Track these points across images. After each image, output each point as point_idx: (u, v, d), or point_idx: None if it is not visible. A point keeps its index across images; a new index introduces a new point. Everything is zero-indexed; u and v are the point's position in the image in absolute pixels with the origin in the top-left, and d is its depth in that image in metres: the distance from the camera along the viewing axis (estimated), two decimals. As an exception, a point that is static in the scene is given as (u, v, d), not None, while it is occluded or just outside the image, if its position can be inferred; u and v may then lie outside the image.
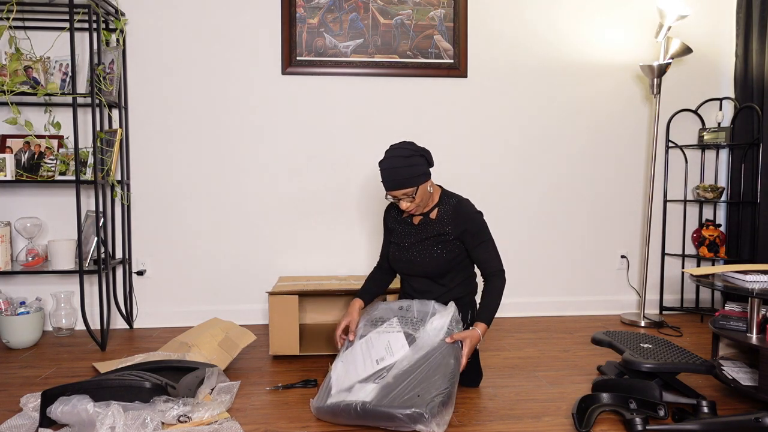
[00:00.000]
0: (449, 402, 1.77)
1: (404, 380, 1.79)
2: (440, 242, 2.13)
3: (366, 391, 1.80)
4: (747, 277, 2.08)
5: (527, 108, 3.33)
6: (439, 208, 2.16)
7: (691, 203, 3.48)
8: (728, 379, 2.06)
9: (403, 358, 1.90)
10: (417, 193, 2.05)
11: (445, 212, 2.14)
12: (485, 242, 2.12)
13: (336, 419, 1.83)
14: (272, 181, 3.19)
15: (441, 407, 1.71)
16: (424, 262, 2.14)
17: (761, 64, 3.13)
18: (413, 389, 1.75)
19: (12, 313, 2.78)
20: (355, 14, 3.16)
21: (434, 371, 1.82)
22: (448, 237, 2.12)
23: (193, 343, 2.42)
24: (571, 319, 3.31)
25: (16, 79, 2.73)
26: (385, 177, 2.04)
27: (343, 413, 1.78)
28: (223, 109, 3.14)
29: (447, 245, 2.13)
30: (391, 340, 1.97)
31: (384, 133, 3.23)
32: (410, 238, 2.20)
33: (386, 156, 2.06)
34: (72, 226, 3.05)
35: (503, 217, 3.35)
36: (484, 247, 2.12)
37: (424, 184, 2.07)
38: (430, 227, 2.16)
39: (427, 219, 2.17)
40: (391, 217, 2.31)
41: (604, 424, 1.87)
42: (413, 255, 2.18)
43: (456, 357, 1.90)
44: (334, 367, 1.99)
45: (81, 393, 1.80)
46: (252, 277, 3.20)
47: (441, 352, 1.89)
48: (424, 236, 2.16)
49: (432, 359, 1.86)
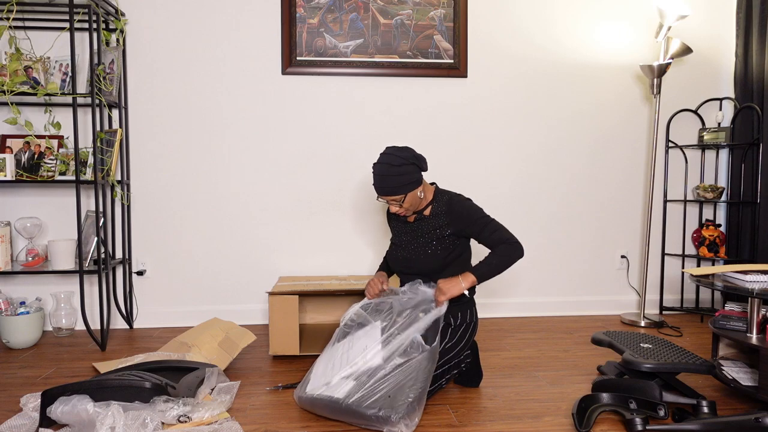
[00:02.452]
0: (420, 403, 1.80)
1: (379, 381, 1.84)
2: (435, 238, 2.14)
3: (343, 387, 1.87)
4: (747, 277, 2.08)
5: (527, 108, 3.33)
6: (432, 205, 2.18)
7: (691, 203, 3.47)
8: (728, 379, 2.06)
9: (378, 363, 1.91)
10: (405, 200, 2.09)
11: (438, 209, 2.15)
12: (488, 224, 2.10)
13: (315, 410, 1.93)
14: (272, 181, 3.19)
15: (410, 408, 1.76)
16: (420, 259, 2.15)
17: (761, 64, 3.13)
18: (386, 390, 1.80)
19: (12, 313, 2.78)
20: (355, 14, 3.16)
21: (409, 374, 1.85)
22: (443, 232, 2.13)
23: (193, 343, 2.42)
24: (571, 319, 3.31)
25: (16, 79, 2.73)
26: (376, 181, 2.09)
27: (322, 406, 1.89)
28: (223, 109, 3.14)
29: (442, 241, 2.13)
30: (369, 343, 1.99)
31: (384, 133, 3.23)
32: (406, 236, 2.22)
33: (379, 160, 2.09)
34: (72, 226, 3.05)
35: (503, 217, 3.35)
36: (489, 229, 2.09)
37: (413, 191, 2.09)
38: (425, 224, 2.17)
39: (422, 216, 2.19)
40: (391, 216, 2.35)
41: (604, 424, 1.87)
42: (409, 253, 2.19)
43: (432, 360, 1.91)
44: (319, 360, 2.05)
45: (81, 393, 1.80)
46: (252, 277, 3.20)
47: (418, 358, 1.89)
48: (420, 234, 2.17)
49: (409, 363, 1.88)
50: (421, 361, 1.88)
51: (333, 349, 2.06)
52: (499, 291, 3.38)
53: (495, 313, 3.36)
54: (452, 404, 2.06)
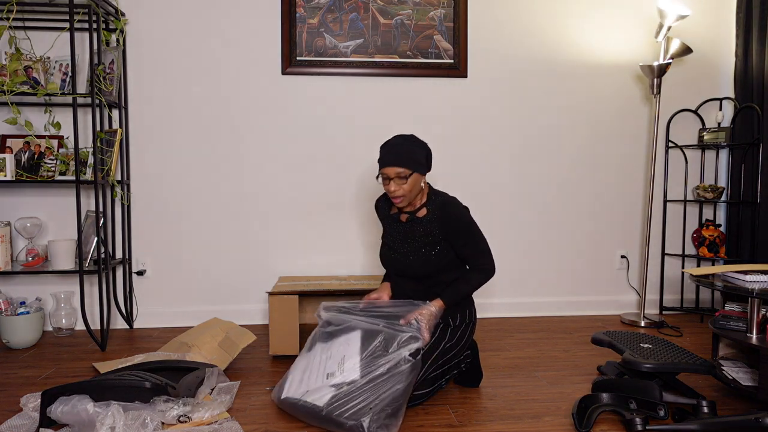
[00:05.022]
0: (399, 413, 1.79)
1: (359, 391, 1.81)
2: (428, 243, 2.10)
3: (323, 395, 1.84)
4: (747, 277, 2.08)
5: (527, 108, 3.33)
6: (426, 207, 2.13)
7: (691, 203, 3.47)
8: (728, 379, 2.06)
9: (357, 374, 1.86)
10: (409, 179, 2.02)
11: (432, 213, 2.11)
12: (472, 242, 2.10)
13: (295, 414, 1.91)
14: (272, 181, 3.19)
15: (388, 419, 1.75)
16: (412, 262, 2.11)
17: (761, 64, 3.13)
18: (365, 401, 1.78)
19: (12, 313, 2.78)
20: (355, 14, 3.16)
21: (388, 385, 1.81)
22: (435, 237, 2.10)
23: (193, 343, 2.42)
24: (571, 319, 3.31)
25: (16, 79, 2.73)
26: (384, 152, 2.04)
27: (301, 412, 1.87)
28: (223, 109, 3.14)
29: (435, 246, 2.10)
30: (347, 355, 1.94)
31: (384, 133, 3.22)
32: (398, 237, 2.17)
33: (391, 138, 2.09)
34: (72, 226, 3.05)
35: (503, 217, 3.35)
36: (470, 247, 2.10)
37: (419, 175, 2.06)
38: (417, 226, 2.12)
39: (414, 218, 2.14)
40: (381, 213, 2.29)
41: (604, 424, 1.87)
42: (401, 255, 2.15)
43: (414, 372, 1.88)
44: (297, 363, 2.04)
45: (81, 393, 1.80)
46: (252, 277, 3.20)
47: (401, 369, 1.86)
48: (411, 236, 2.13)
49: (391, 375, 1.84)
50: (403, 373, 1.85)
51: (310, 354, 2.03)
52: (499, 291, 3.38)
53: (495, 313, 3.36)
54: (452, 404, 2.06)
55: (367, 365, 1.87)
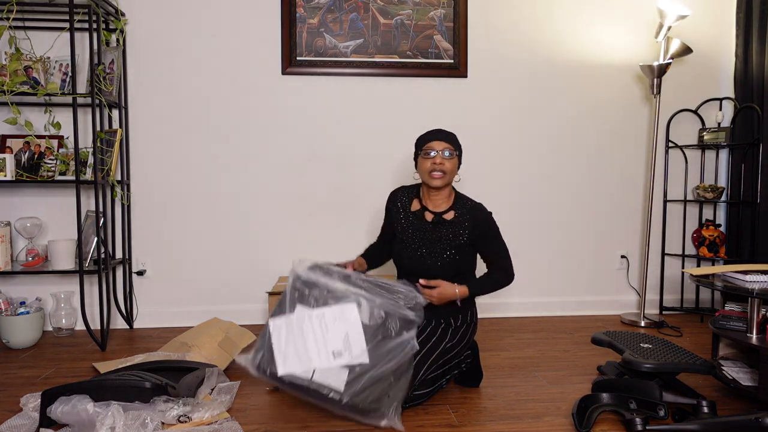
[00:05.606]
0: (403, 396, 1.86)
1: (373, 378, 1.78)
2: (453, 246, 2.09)
3: (336, 377, 1.77)
4: (747, 277, 2.08)
5: (527, 108, 3.33)
6: (454, 210, 2.14)
7: (691, 203, 3.47)
8: (728, 379, 2.06)
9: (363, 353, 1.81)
10: (453, 160, 2.11)
11: (461, 216, 2.12)
12: (499, 247, 2.16)
13: (296, 393, 1.82)
14: (272, 181, 3.19)
15: (399, 405, 1.82)
16: (434, 265, 2.08)
17: (761, 64, 3.13)
18: (382, 389, 1.79)
19: (12, 313, 2.78)
20: (355, 14, 3.16)
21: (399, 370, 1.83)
22: (461, 240, 2.10)
23: (193, 343, 2.42)
24: (571, 319, 3.30)
25: (16, 79, 2.73)
26: (430, 132, 2.14)
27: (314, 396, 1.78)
28: (223, 109, 3.14)
29: (460, 249, 2.10)
30: (350, 331, 1.83)
31: (384, 133, 3.23)
32: (417, 235, 2.14)
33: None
34: (72, 226, 3.05)
35: (503, 216, 3.32)
36: (498, 252, 2.16)
37: (458, 162, 2.16)
38: (444, 228, 2.11)
39: (441, 219, 2.13)
40: (398, 207, 2.22)
41: (604, 424, 1.87)
42: (422, 255, 2.11)
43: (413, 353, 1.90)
44: (274, 326, 1.85)
45: (81, 393, 1.80)
46: (252, 277, 3.20)
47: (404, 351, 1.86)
48: (436, 237, 2.11)
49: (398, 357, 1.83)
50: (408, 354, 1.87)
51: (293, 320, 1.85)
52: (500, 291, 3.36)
53: (495, 313, 3.36)
54: (452, 404, 2.06)
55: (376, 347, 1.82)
